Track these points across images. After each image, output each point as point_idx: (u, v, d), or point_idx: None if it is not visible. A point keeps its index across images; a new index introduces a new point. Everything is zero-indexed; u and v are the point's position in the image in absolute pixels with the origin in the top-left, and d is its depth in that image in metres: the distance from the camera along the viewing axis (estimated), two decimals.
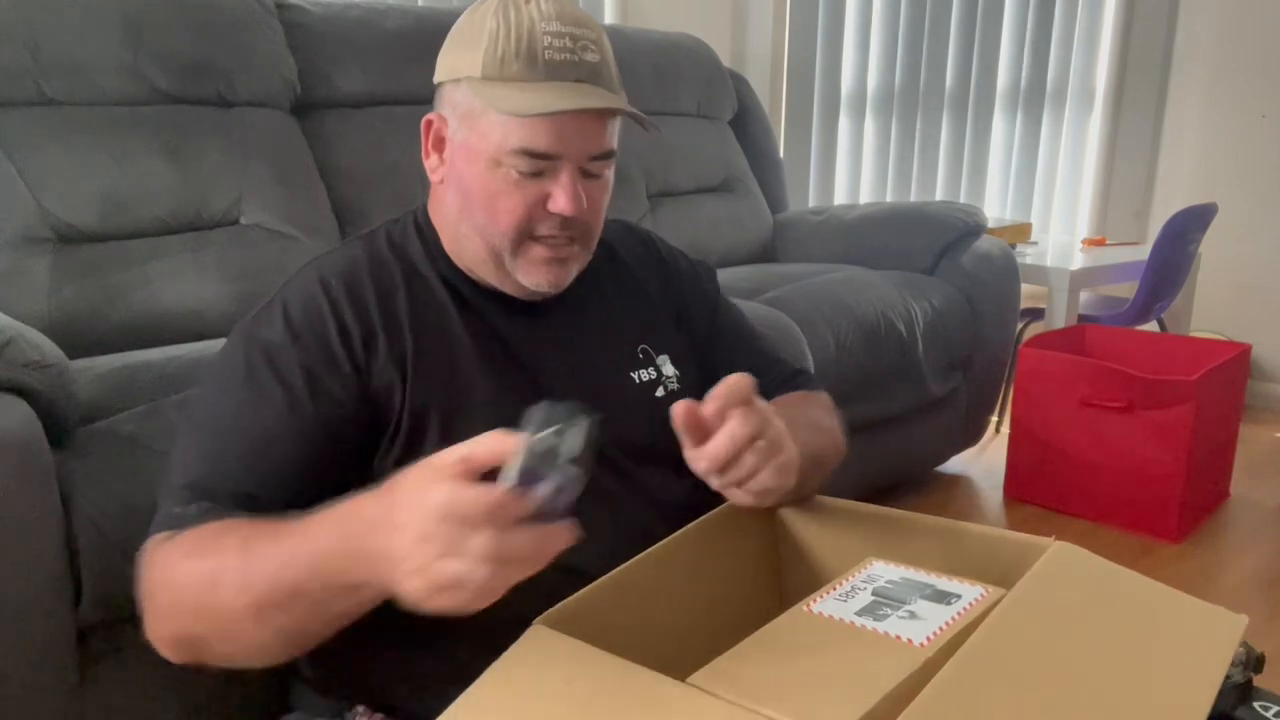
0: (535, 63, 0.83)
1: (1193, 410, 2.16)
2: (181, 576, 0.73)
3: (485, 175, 0.86)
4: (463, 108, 0.86)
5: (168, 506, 0.79)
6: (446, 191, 0.91)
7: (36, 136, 1.55)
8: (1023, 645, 0.62)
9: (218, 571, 0.71)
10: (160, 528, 0.78)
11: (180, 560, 0.74)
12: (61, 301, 1.49)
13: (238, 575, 0.69)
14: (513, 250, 0.88)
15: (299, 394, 0.82)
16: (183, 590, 0.73)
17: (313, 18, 1.95)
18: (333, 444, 0.83)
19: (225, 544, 0.72)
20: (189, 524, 0.76)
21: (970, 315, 2.37)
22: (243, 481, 0.80)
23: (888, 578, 0.73)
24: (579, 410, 0.62)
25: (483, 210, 0.87)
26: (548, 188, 0.85)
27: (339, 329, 0.85)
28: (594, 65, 0.86)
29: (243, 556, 0.70)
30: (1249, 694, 0.77)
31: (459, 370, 0.88)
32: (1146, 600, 0.71)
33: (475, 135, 0.85)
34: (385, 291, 0.88)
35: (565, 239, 0.88)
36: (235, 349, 0.86)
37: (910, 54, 3.36)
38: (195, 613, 0.72)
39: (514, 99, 0.82)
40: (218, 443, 0.82)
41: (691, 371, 1.03)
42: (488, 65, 0.84)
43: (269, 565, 0.68)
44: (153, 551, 0.77)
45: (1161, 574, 2.10)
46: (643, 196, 2.44)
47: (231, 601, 0.69)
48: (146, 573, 0.76)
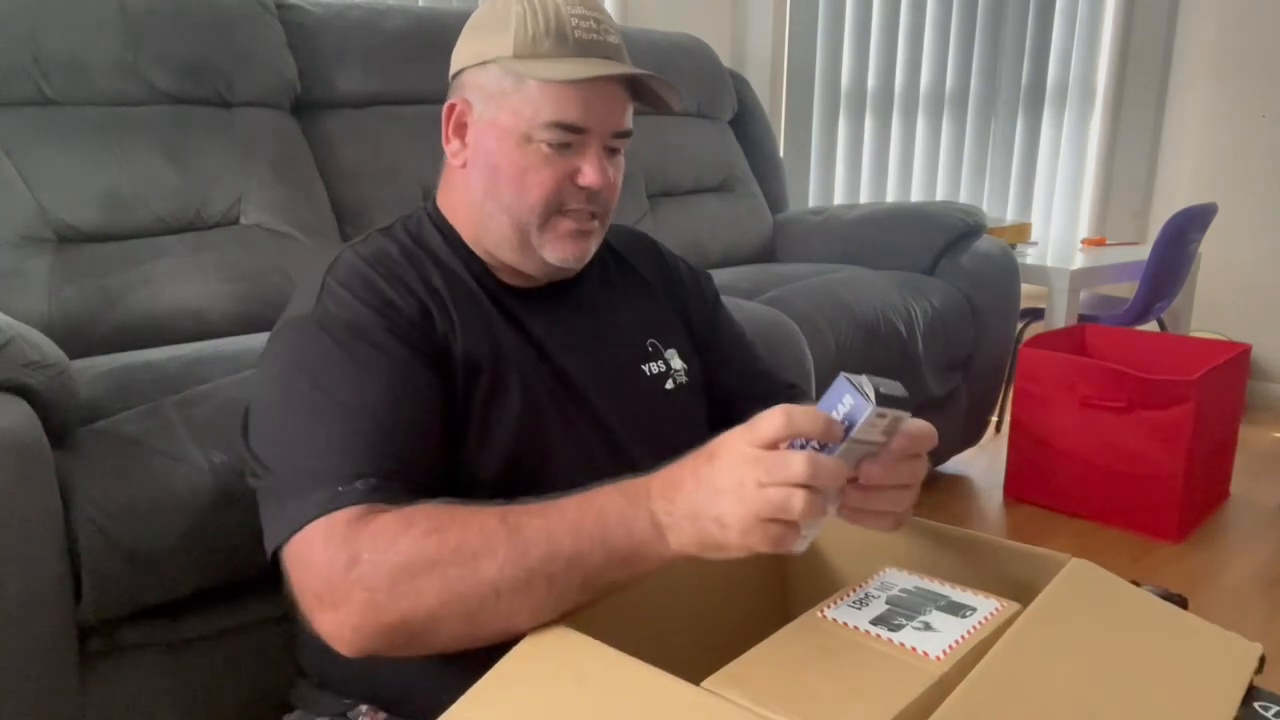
0: (566, 40, 0.88)
1: (1192, 410, 2.15)
2: (428, 552, 0.69)
3: (515, 151, 0.89)
4: (491, 88, 0.89)
5: (321, 489, 0.74)
6: (470, 174, 0.92)
7: (36, 136, 1.55)
8: (1039, 665, 0.62)
9: (478, 544, 0.69)
10: (326, 507, 0.73)
11: (423, 537, 0.70)
12: (61, 301, 1.49)
13: (506, 547, 0.69)
14: (540, 224, 0.90)
15: (401, 357, 0.83)
16: (432, 566, 0.69)
17: (313, 18, 1.95)
18: (439, 393, 0.85)
19: (476, 520, 0.71)
20: (363, 500, 0.73)
21: (970, 315, 2.37)
22: (390, 452, 0.78)
23: (902, 586, 0.73)
24: (904, 400, 0.66)
25: (511, 186, 0.89)
26: (575, 163, 0.89)
27: (397, 294, 0.87)
28: (618, 46, 0.91)
29: (508, 530, 0.70)
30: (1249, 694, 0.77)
31: (494, 339, 0.90)
32: (1163, 623, 0.71)
33: (505, 113, 0.88)
34: (422, 270, 0.91)
35: (588, 214, 0.92)
36: (313, 337, 0.83)
37: (910, 54, 3.36)
38: (445, 588, 0.69)
39: (553, 69, 0.86)
40: (345, 423, 0.79)
41: (697, 367, 1.04)
42: (520, 44, 0.87)
43: (542, 537, 0.69)
44: (354, 531, 0.71)
45: (1161, 574, 2.10)
46: (643, 196, 2.44)
47: (497, 573, 0.68)
48: (356, 553, 0.70)
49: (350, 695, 0.89)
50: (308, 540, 0.73)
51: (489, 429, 0.87)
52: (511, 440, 0.88)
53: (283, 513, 0.75)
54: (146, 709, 1.13)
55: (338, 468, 0.76)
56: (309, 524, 0.73)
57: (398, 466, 0.78)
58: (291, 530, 0.74)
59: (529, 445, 0.89)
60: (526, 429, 0.89)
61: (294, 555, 0.74)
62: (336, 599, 0.71)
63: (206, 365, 1.26)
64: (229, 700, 1.18)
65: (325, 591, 0.71)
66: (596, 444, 0.94)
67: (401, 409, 0.81)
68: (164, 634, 1.13)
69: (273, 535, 0.76)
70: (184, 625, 1.14)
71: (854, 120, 3.28)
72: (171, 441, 1.11)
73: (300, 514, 0.74)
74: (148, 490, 1.07)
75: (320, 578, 0.71)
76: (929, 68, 3.41)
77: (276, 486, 0.78)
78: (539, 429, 0.90)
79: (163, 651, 1.14)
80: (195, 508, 1.09)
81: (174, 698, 1.15)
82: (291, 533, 0.74)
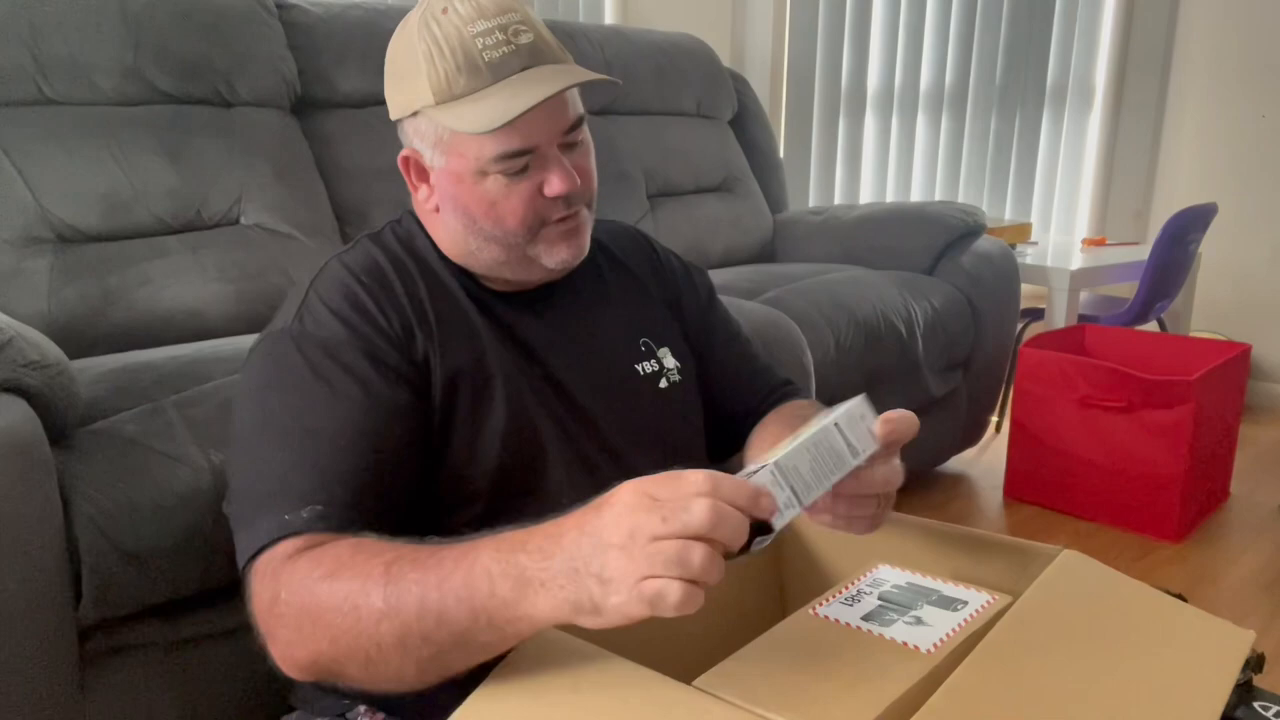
0: (479, 70, 0.83)
1: (1192, 410, 2.15)
2: (320, 599, 0.69)
3: (477, 189, 0.87)
4: (430, 136, 0.88)
5: (271, 516, 0.76)
6: (445, 216, 0.92)
7: (36, 136, 1.55)
8: (1030, 654, 0.62)
9: (360, 596, 0.67)
10: (272, 535, 0.75)
11: (319, 581, 0.70)
12: (61, 301, 1.49)
13: (382, 601, 0.66)
14: (529, 240, 0.90)
15: (372, 381, 0.82)
16: (322, 613, 0.69)
17: (313, 18, 1.95)
18: (411, 416, 0.84)
19: (368, 568, 0.68)
20: (305, 529, 0.75)
21: (970, 315, 2.37)
22: (345, 478, 0.79)
23: (894, 582, 0.73)
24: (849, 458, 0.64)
25: (487, 219, 0.88)
26: (537, 178, 0.87)
27: (380, 310, 0.86)
28: (532, 45, 0.85)
29: (388, 581, 0.66)
30: (1249, 694, 0.77)
31: (478, 350, 0.90)
32: (1154, 612, 0.71)
33: (453, 157, 0.87)
34: (408, 283, 0.90)
35: (572, 211, 0.91)
36: (287, 353, 0.84)
37: (910, 54, 3.36)
38: (333, 638, 0.68)
39: (474, 115, 0.83)
40: (305, 447, 0.79)
41: (690, 365, 1.04)
42: (437, 89, 0.84)
43: (416, 592, 0.65)
44: (280, 568, 0.73)
45: (1161, 574, 2.10)
46: (643, 196, 2.44)
47: (374, 628, 0.66)
48: (276, 592, 0.72)
49: (349, 696, 0.89)
50: (255, 570, 0.76)
51: (476, 441, 0.87)
52: (500, 450, 0.88)
53: (241, 538, 0.78)
54: (146, 709, 1.13)
55: (288, 494, 0.77)
56: (258, 555, 0.76)
57: (352, 495, 0.78)
58: (247, 558, 0.77)
59: (520, 453, 0.89)
60: (516, 438, 0.88)
61: (247, 582, 0.77)
62: (267, 631, 0.74)
63: (206, 365, 1.26)
64: (229, 700, 1.18)
65: (260, 624, 0.74)
66: (591, 448, 0.93)
67: (364, 435, 0.81)
68: (164, 634, 1.13)
69: (238, 558, 0.79)
70: (184, 625, 1.14)
71: (854, 120, 3.28)
72: (171, 441, 1.11)
73: (252, 542, 0.76)
74: (148, 490, 1.07)
75: (255, 611, 0.75)
76: (929, 68, 3.41)
77: (236, 511, 0.81)
78: (529, 436, 0.90)
79: (163, 651, 1.14)
80: (195, 508, 1.09)
81: (174, 698, 1.15)
82: (247, 560, 0.77)
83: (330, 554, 0.72)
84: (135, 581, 1.07)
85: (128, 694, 1.12)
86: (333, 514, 0.76)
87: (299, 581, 0.71)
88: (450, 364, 0.87)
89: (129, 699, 1.12)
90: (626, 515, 0.57)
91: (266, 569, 0.74)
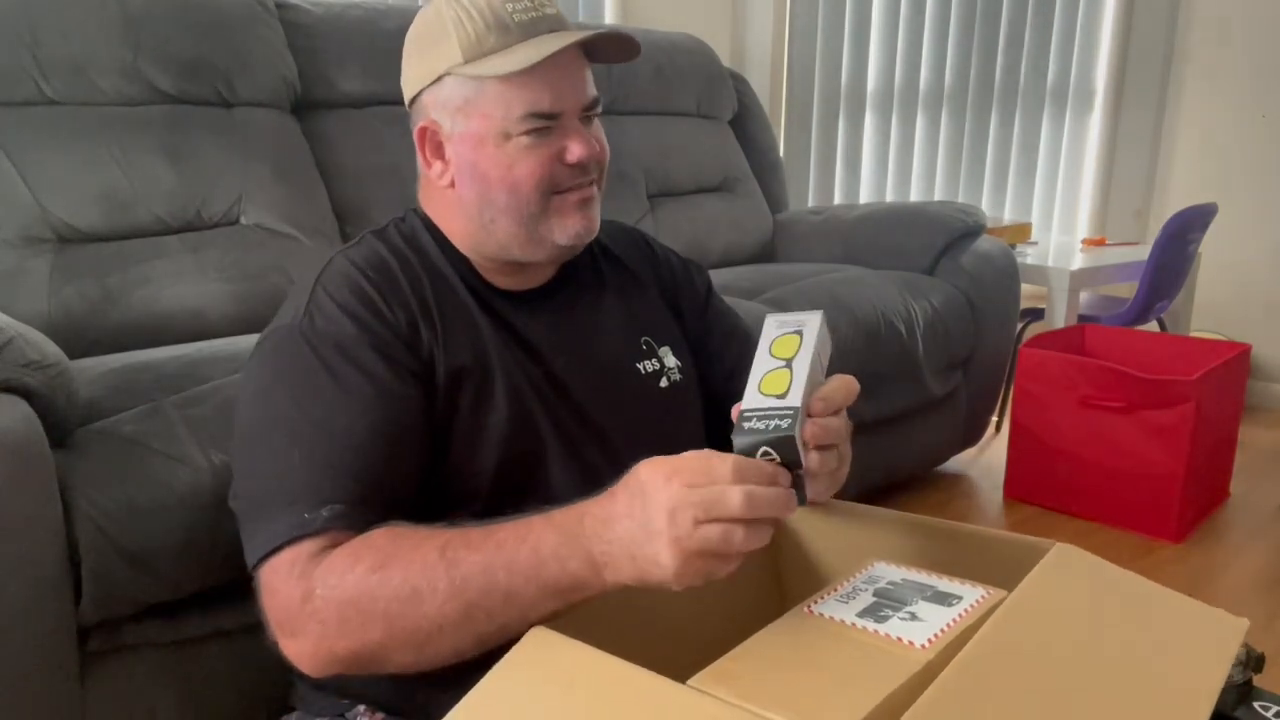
0: (509, 28, 0.87)
1: (1192, 410, 2.15)
2: (373, 589, 0.72)
3: (497, 152, 0.88)
4: (454, 101, 0.89)
5: (288, 515, 0.77)
6: (461, 189, 0.92)
7: (36, 136, 1.55)
8: (1024, 648, 0.62)
9: (420, 579, 0.71)
10: (292, 534, 0.76)
11: (369, 574, 0.72)
12: (61, 301, 1.49)
13: (445, 583, 0.70)
14: (541, 210, 0.90)
15: (382, 377, 0.83)
16: (375, 603, 0.72)
17: (313, 18, 1.95)
18: (419, 411, 0.85)
19: (419, 554, 0.72)
20: (325, 528, 0.76)
21: (970, 315, 2.37)
22: (359, 475, 0.79)
23: (889, 579, 0.73)
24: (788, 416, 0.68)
25: (503, 184, 0.89)
26: (558, 144, 0.89)
27: (387, 306, 0.87)
28: (558, 16, 0.90)
29: (447, 565, 0.71)
30: (1249, 694, 0.77)
31: (481, 347, 0.90)
32: (1148, 602, 0.71)
33: (476, 119, 0.88)
34: (413, 279, 0.90)
35: (586, 182, 0.92)
36: (297, 349, 0.84)
37: (910, 54, 3.36)
38: (389, 624, 0.72)
39: (508, 61, 0.85)
40: (319, 443, 0.80)
41: (690, 362, 1.04)
42: (466, 48, 0.86)
43: (479, 572, 0.70)
44: (309, 566, 0.74)
45: (1161, 574, 2.10)
46: (643, 196, 2.44)
47: (438, 610, 0.70)
48: (309, 589, 0.73)
49: (348, 696, 0.89)
50: (274, 568, 0.76)
51: (477, 439, 0.88)
52: (501, 448, 0.88)
53: (254, 536, 0.78)
54: (146, 709, 1.13)
55: (306, 493, 0.78)
56: (275, 553, 0.76)
57: (367, 491, 0.79)
58: (261, 556, 0.77)
59: (520, 452, 0.89)
60: (516, 436, 0.89)
61: (262, 581, 0.77)
62: (295, 629, 0.74)
63: (206, 365, 1.27)
64: (229, 700, 1.19)
65: (285, 621, 0.75)
66: (591, 447, 0.94)
67: (376, 431, 0.81)
68: (164, 634, 1.13)
69: (249, 555, 0.79)
70: (184, 625, 1.14)
71: (854, 120, 3.28)
72: (171, 441, 1.11)
73: (268, 540, 0.77)
74: (148, 490, 1.07)
75: (281, 608, 0.75)
76: (928, 68, 3.41)
77: (248, 508, 0.81)
78: (530, 435, 0.90)
79: (163, 651, 1.14)
80: (195, 508, 1.09)
81: (174, 698, 1.15)
82: (261, 558, 0.77)
83: (368, 547, 0.74)
84: (135, 581, 1.07)
85: (128, 694, 1.12)
86: (350, 512, 0.77)
87: (339, 577, 0.73)
88: (453, 360, 0.88)
89: (129, 699, 1.12)
90: (672, 502, 0.64)
91: (292, 568, 0.75)
